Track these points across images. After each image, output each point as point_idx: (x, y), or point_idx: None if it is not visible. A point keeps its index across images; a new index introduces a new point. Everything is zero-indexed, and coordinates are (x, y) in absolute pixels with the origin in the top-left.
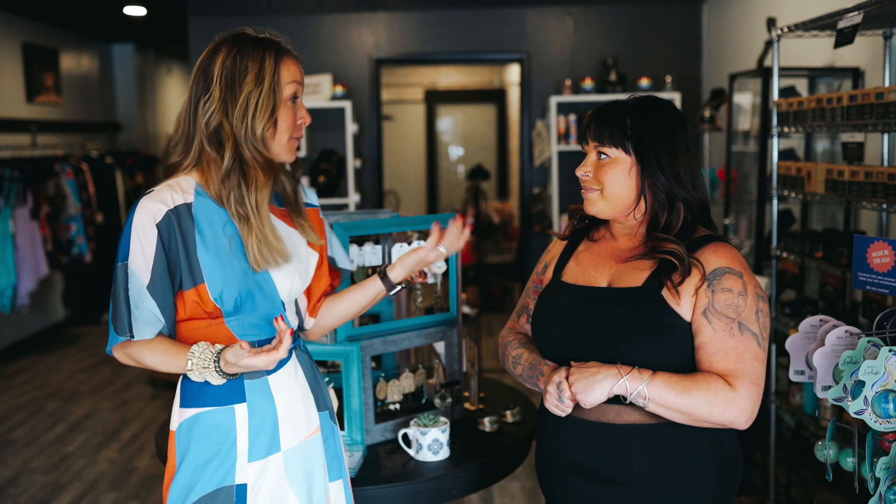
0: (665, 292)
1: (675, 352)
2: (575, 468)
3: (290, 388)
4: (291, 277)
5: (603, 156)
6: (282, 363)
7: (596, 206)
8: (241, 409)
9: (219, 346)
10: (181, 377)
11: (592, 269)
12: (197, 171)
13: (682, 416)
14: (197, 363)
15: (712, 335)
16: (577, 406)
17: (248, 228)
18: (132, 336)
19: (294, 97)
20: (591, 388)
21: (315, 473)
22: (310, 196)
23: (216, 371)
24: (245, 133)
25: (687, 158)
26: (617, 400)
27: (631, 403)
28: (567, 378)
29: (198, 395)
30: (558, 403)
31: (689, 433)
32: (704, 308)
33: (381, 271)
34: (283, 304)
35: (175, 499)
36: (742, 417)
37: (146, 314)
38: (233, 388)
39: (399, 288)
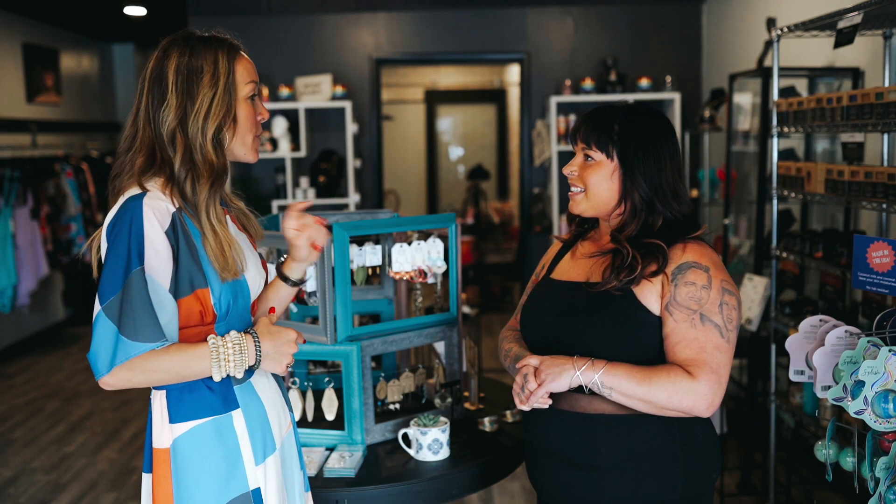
0: (635, 287)
1: (640, 343)
2: (552, 453)
3: (267, 387)
4: (256, 277)
5: (588, 158)
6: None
7: (580, 206)
8: (237, 415)
9: (234, 334)
10: (163, 395)
11: (577, 267)
12: (163, 178)
13: (644, 405)
14: (225, 352)
15: (674, 326)
16: (554, 395)
17: (204, 237)
18: (165, 340)
19: (253, 95)
20: (558, 377)
21: (295, 466)
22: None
23: (255, 347)
24: (196, 136)
25: (670, 168)
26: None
27: (596, 393)
28: (539, 365)
29: (193, 407)
30: (520, 392)
31: (656, 425)
32: (668, 301)
33: (280, 273)
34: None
35: None
36: (702, 405)
37: (171, 319)
38: (226, 396)
39: (299, 286)
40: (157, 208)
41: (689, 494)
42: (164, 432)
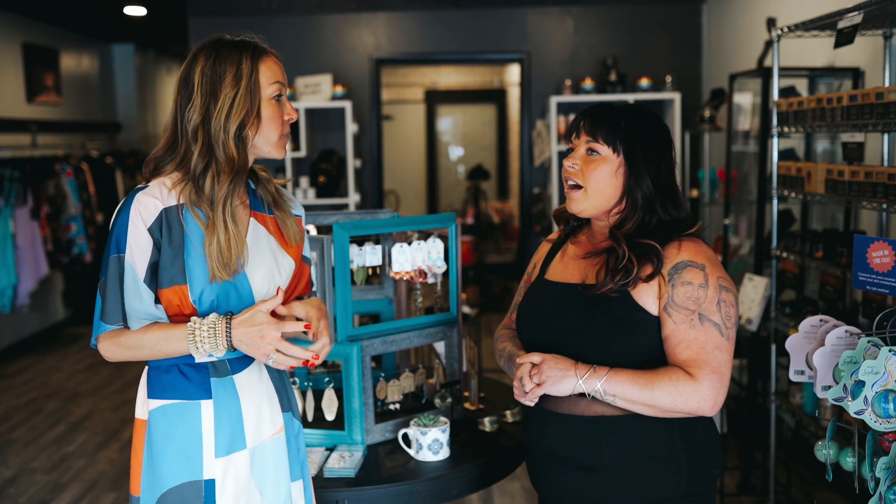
0: (631, 288)
1: (638, 345)
2: (553, 456)
3: (254, 387)
4: (267, 279)
5: (593, 153)
6: (248, 363)
7: (579, 204)
8: (206, 405)
9: (212, 316)
10: (146, 370)
11: (571, 267)
12: (180, 174)
13: (648, 409)
14: (200, 334)
15: (674, 327)
16: (553, 399)
17: (211, 233)
18: (125, 325)
19: (278, 95)
20: (559, 382)
21: (279, 473)
22: (296, 206)
23: (226, 333)
24: (218, 134)
25: (669, 172)
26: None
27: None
28: (541, 364)
29: (166, 387)
30: (520, 385)
31: (656, 424)
32: (666, 302)
33: None
34: None
35: (147, 487)
36: (706, 405)
37: (140, 306)
38: (200, 385)
39: None
40: (145, 204)
41: (693, 492)
42: (142, 404)
